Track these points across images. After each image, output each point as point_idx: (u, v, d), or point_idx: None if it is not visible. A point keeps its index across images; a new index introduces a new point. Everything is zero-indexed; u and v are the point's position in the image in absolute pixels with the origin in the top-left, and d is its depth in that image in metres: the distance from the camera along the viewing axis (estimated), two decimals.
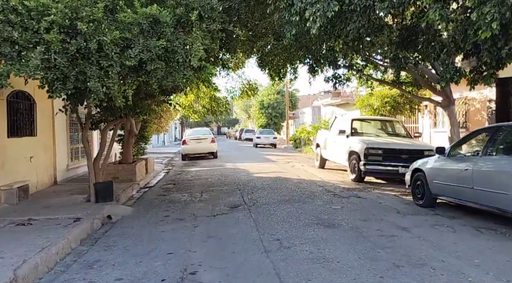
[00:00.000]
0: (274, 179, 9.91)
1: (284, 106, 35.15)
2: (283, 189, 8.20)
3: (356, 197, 7.17)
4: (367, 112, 12.44)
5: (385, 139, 9.39)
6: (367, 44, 5.33)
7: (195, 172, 12.37)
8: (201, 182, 9.92)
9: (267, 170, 11.98)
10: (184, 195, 8.07)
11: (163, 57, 5.04)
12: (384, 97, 11.77)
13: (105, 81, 4.62)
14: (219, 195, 7.89)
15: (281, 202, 6.77)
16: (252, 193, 7.90)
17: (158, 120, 12.45)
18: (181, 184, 9.80)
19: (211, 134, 18.34)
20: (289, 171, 11.74)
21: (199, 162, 15.84)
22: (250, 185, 8.94)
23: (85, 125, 6.82)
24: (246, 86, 11.81)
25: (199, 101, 13.14)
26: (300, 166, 13.17)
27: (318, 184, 8.89)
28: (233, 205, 6.80)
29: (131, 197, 8.29)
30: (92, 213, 6.17)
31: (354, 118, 10.39)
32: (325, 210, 6.06)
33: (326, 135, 11.96)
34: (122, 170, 9.96)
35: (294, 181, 9.35)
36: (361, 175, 8.89)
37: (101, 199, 7.09)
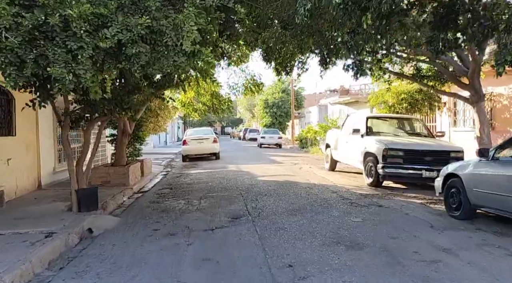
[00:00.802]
0: (281, 183, 8.95)
1: (289, 105, 34.18)
2: (291, 196, 7.25)
3: (377, 206, 6.20)
4: (382, 109, 11.45)
5: (406, 139, 8.40)
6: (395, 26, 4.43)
7: (195, 174, 11.45)
8: (201, 186, 9.00)
9: (272, 173, 11.03)
10: (180, 202, 7.15)
11: (148, 39, 4.12)
12: (401, 93, 10.77)
13: (73, 67, 3.70)
14: (219, 202, 6.96)
15: (291, 212, 5.82)
16: (256, 200, 6.96)
17: (155, 119, 11.54)
18: (178, 188, 8.89)
19: (213, 134, 17.41)
20: (296, 174, 10.78)
21: (200, 164, 14.93)
22: (254, 191, 7.99)
23: (63, 123, 5.92)
24: (250, 82, 10.87)
25: (199, 98, 12.22)
26: (308, 168, 12.20)
27: (330, 189, 7.92)
28: (235, 215, 5.86)
29: (121, 204, 7.39)
30: (69, 226, 5.27)
31: (369, 116, 9.41)
32: (343, 223, 5.10)
33: (337, 134, 10.99)
34: (114, 173, 9.07)
35: (303, 186, 8.39)
36: (379, 179, 7.91)
37: (84, 208, 6.20)
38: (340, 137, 10.49)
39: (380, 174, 7.80)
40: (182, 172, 12.31)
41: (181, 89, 9.46)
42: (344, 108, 21.72)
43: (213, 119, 59.54)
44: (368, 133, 8.85)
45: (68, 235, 4.90)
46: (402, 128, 9.47)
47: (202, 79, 8.92)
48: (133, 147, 10.60)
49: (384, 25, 4.32)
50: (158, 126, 11.87)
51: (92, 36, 3.80)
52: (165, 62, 4.26)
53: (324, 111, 27.17)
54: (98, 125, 7.10)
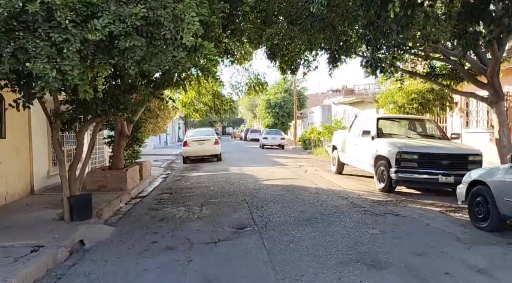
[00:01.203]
0: (287, 188, 8.49)
1: (291, 105, 33.69)
2: (299, 203, 6.78)
3: (393, 215, 5.73)
4: (391, 110, 10.98)
5: (420, 142, 7.92)
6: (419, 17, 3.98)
7: (196, 178, 10.99)
8: (202, 191, 8.54)
9: (277, 176, 10.56)
10: (180, 209, 6.69)
11: (143, 32, 3.66)
12: (411, 93, 10.29)
13: (58, 62, 3.25)
14: (222, 209, 6.50)
15: (301, 222, 5.35)
16: (262, 207, 6.50)
17: (154, 120, 11.09)
18: (178, 193, 8.43)
19: (214, 135, 16.94)
20: (302, 177, 10.31)
21: (202, 166, 14.47)
22: (259, 196, 7.53)
23: (54, 125, 5.46)
24: (253, 81, 10.41)
25: (200, 98, 11.76)
26: (314, 171, 11.74)
27: (340, 195, 7.45)
28: (240, 225, 5.40)
29: (117, 211, 6.94)
30: (59, 238, 4.83)
31: (380, 117, 8.93)
32: (360, 236, 4.63)
33: (344, 136, 10.52)
34: (111, 177, 8.62)
35: (311, 191, 7.93)
36: (392, 184, 7.44)
37: (77, 216, 5.75)
38: (348, 139, 10.02)
39: (393, 179, 7.32)
40: (183, 175, 11.86)
41: (182, 88, 9.03)
42: (349, 108, 21.24)
43: (214, 120, 59.11)
44: (379, 135, 8.38)
45: (57, 249, 4.45)
46: (414, 129, 8.99)
47: (203, 78, 8.48)
48: (132, 149, 10.15)
49: (408, 16, 3.86)
50: (157, 127, 11.42)
51: (80, 28, 3.34)
52: (163, 57, 3.80)
53: (328, 111, 26.68)
54: (94, 126, 6.66)
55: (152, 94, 6.19)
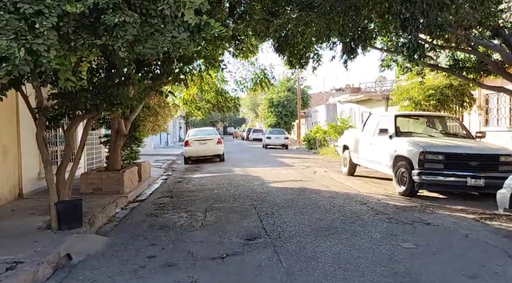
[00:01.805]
0: (297, 191, 7.82)
1: (294, 104, 33.02)
2: (314, 208, 6.11)
3: (424, 224, 5.05)
4: (406, 107, 10.29)
5: (444, 141, 7.23)
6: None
7: (198, 179, 10.33)
8: (205, 194, 7.88)
9: (285, 178, 9.89)
10: (181, 215, 6.03)
11: (137, 6, 3.00)
12: (428, 89, 9.61)
13: (29, 40, 2.59)
14: (228, 216, 5.84)
15: (319, 233, 4.68)
16: (272, 214, 5.83)
17: (154, 118, 10.43)
18: (179, 197, 7.77)
19: (217, 134, 16.28)
20: (312, 179, 9.64)
21: (204, 166, 13.81)
22: (268, 201, 6.87)
23: (38, 121, 4.81)
24: (259, 76, 9.74)
25: (203, 95, 11.10)
26: (323, 172, 11.06)
27: (357, 199, 6.78)
28: (250, 235, 4.73)
29: (112, 217, 6.28)
30: (43, 251, 4.19)
31: (398, 114, 8.24)
32: (393, 250, 3.96)
33: (357, 135, 9.85)
34: (107, 179, 7.97)
35: (324, 195, 7.25)
36: (414, 187, 6.77)
37: (66, 224, 5.12)
38: (361, 138, 9.35)
39: (416, 182, 6.65)
40: (184, 176, 11.20)
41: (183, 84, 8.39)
42: (355, 106, 20.56)
43: (216, 119, 58.46)
44: (398, 134, 7.70)
45: (38, 265, 3.80)
46: (435, 128, 8.31)
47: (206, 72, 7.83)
48: (130, 149, 9.50)
49: None
50: (157, 126, 10.76)
51: None
52: (161, 38, 3.14)
53: (333, 110, 26.00)
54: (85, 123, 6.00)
55: (150, 88, 5.52)
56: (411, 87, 10.00)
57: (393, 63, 9.28)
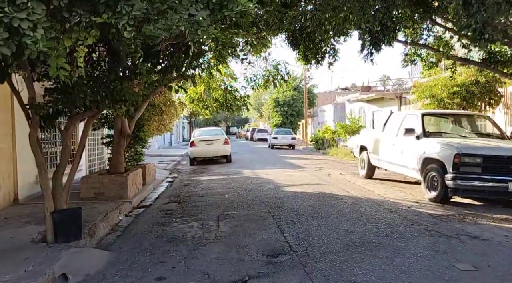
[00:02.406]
0: (316, 196, 7.20)
1: (300, 103, 32.38)
2: (339, 218, 5.49)
3: (471, 237, 4.41)
4: (428, 105, 9.64)
5: (479, 142, 6.58)
6: None
7: (206, 182, 9.73)
8: (215, 199, 7.27)
9: (299, 181, 9.27)
10: (191, 224, 5.43)
11: None
12: (452, 86, 8.96)
13: (8, 13, 1.99)
14: (244, 225, 5.23)
15: (354, 249, 4.06)
16: (294, 223, 5.22)
17: (159, 117, 9.84)
18: (188, 202, 7.18)
19: (223, 134, 15.68)
20: (328, 182, 9.01)
21: (211, 168, 13.22)
22: (285, 208, 6.25)
23: (31, 120, 4.22)
24: (271, 73, 9.11)
25: (210, 93, 10.49)
26: (338, 175, 10.43)
27: (384, 206, 6.15)
28: (272, 250, 4.13)
29: (115, 226, 5.69)
30: (35, 271, 3.62)
31: (426, 113, 7.59)
32: (447, 272, 3.33)
33: (376, 135, 9.22)
34: (109, 183, 7.38)
35: (347, 201, 6.63)
36: (448, 193, 6.13)
37: (63, 237, 4.55)
38: (381, 138, 8.72)
39: (450, 187, 6.01)
40: (191, 179, 10.60)
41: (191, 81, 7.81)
42: (365, 105, 19.91)
43: (219, 119, 57.83)
44: (426, 134, 7.06)
45: None
46: (465, 127, 7.66)
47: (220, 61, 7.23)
48: (134, 150, 8.91)
49: None
50: (163, 126, 10.17)
51: None
52: (175, 17, 2.53)
53: (340, 109, 25.33)
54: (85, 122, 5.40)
55: (158, 82, 4.90)
56: (434, 84, 9.36)
57: (417, 58, 8.64)
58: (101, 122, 8.20)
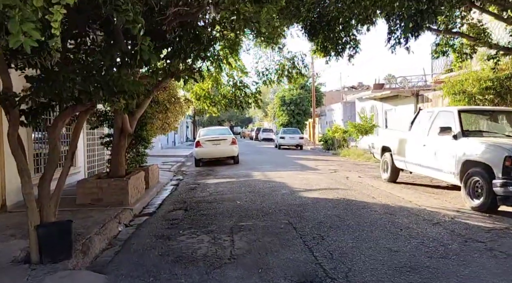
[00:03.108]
0: (340, 203, 6.41)
1: (307, 102, 31.55)
2: (374, 231, 4.69)
3: None
4: (458, 101, 8.80)
5: None
6: None
7: (214, 186, 8.97)
8: (226, 206, 6.51)
9: (315, 185, 8.48)
10: (201, 238, 4.66)
11: None
12: (485, 81, 8.14)
13: None
14: (263, 240, 4.46)
15: (406, 275, 3.26)
16: (322, 238, 4.43)
17: (163, 115, 9.08)
18: (195, 209, 6.41)
19: (231, 134, 14.90)
20: (348, 186, 8.21)
21: (217, 169, 12.46)
22: (308, 217, 5.47)
23: (10, 116, 3.47)
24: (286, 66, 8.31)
25: (218, 90, 9.72)
26: (357, 178, 9.63)
27: (423, 217, 5.34)
28: (303, 275, 3.35)
29: (113, 239, 4.95)
30: None
31: (463, 109, 6.75)
32: None
33: (401, 135, 8.41)
34: (108, 188, 6.65)
35: (377, 210, 5.83)
36: (496, 202, 5.31)
37: (49, 256, 3.83)
38: (408, 138, 7.91)
39: (499, 195, 5.20)
40: (197, 182, 9.84)
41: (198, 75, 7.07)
42: (377, 104, 19.07)
43: (222, 118, 57.04)
44: (465, 133, 6.24)
45: None
46: (506, 125, 6.83)
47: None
48: (136, 151, 8.15)
49: None
50: (167, 124, 9.41)
51: None
52: None
53: (350, 108, 24.49)
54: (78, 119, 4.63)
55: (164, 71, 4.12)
56: (464, 78, 8.53)
57: (449, 49, 7.82)
58: (99, 120, 7.47)
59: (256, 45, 8.53)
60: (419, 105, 15.28)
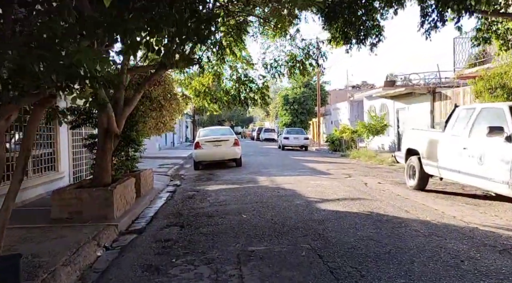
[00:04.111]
0: (369, 219, 5.29)
1: (311, 101, 30.44)
2: (427, 263, 3.58)
3: None
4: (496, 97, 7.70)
5: None
6: None
7: (215, 194, 7.87)
8: (230, 222, 5.41)
9: (332, 193, 7.37)
10: (200, 272, 3.57)
11: None
12: None
13: None
14: (281, 275, 3.37)
15: None
16: (359, 273, 3.33)
17: (157, 113, 7.97)
18: (193, 226, 5.32)
19: (233, 134, 13.79)
20: (372, 196, 7.11)
21: (218, 173, 11.36)
22: (334, 240, 4.36)
23: None
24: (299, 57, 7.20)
25: (220, 84, 8.63)
26: (377, 184, 8.52)
27: (482, 240, 4.23)
28: None
29: (86, 270, 3.86)
30: None
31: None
32: None
33: (432, 136, 7.31)
34: (89, 199, 5.56)
35: (418, 229, 4.71)
36: None
37: None
38: (442, 139, 6.81)
39: None
40: (196, 188, 8.74)
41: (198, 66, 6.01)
42: (388, 102, 17.97)
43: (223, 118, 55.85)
44: None
45: None
46: None
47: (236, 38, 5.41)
48: (125, 154, 7.05)
49: None
50: (162, 124, 8.30)
51: None
52: None
53: (357, 107, 23.38)
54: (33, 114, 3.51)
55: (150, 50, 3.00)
56: (504, 71, 7.44)
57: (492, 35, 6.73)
58: (81, 119, 6.37)
59: (263, 32, 7.42)
60: (436, 103, 14.18)
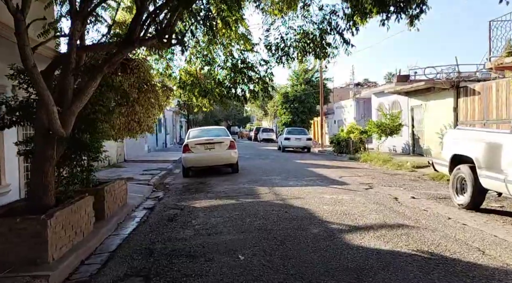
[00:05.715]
0: (430, 267, 3.47)
1: (313, 99, 28.63)
2: None
3: None
4: None
5: None
6: None
7: (203, 214, 6.02)
8: (220, 268, 3.57)
9: (360, 216, 5.53)
10: None
11: None
12: None
13: None
14: None
15: None
16: None
17: (129, 110, 6.09)
18: (162, 279, 3.47)
19: (228, 135, 11.89)
20: (413, 218, 5.29)
21: (211, 182, 9.51)
22: None
23: None
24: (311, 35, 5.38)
25: (211, 74, 6.80)
26: (410, 199, 6.71)
27: None
28: None
29: None
30: None
31: None
32: None
33: (494, 139, 5.50)
34: (11, 234, 3.74)
35: None
36: None
37: None
38: (508, 144, 5.01)
39: None
40: (181, 205, 6.88)
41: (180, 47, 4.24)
42: (401, 99, 16.19)
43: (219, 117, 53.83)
44: None
45: None
46: None
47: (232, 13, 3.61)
48: (77, 164, 5.16)
49: None
50: (135, 123, 6.41)
51: None
52: None
53: (364, 105, 21.61)
54: None
55: None
56: None
57: None
58: (13, 115, 4.50)
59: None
60: (460, 99, 12.41)
